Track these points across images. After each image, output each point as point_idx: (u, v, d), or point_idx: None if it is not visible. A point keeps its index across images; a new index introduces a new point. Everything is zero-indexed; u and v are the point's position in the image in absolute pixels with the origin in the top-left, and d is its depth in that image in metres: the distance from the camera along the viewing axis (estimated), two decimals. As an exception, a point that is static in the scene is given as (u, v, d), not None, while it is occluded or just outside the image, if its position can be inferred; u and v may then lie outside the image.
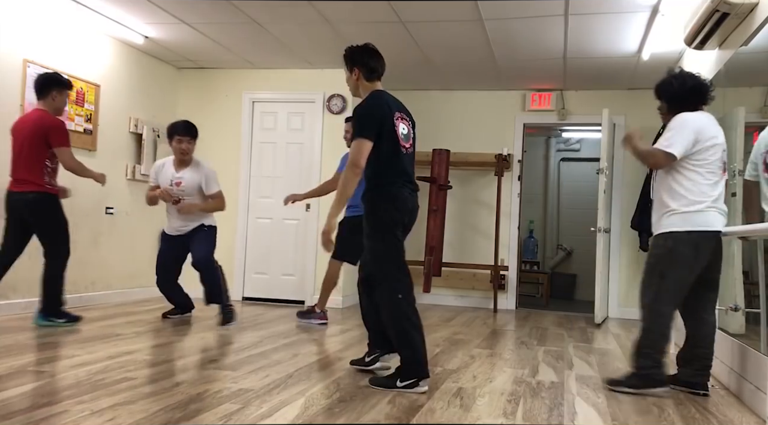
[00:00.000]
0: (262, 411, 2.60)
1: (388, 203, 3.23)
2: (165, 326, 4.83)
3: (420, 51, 5.91)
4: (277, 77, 6.84)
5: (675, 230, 3.13)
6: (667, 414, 2.88)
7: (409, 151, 3.41)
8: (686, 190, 3.14)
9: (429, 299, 7.23)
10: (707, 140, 3.13)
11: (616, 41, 5.33)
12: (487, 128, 7.30)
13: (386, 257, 3.18)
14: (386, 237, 3.19)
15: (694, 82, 3.25)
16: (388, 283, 3.14)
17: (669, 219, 3.16)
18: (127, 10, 5.22)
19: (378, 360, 3.42)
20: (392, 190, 3.25)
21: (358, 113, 3.31)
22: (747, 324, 3.49)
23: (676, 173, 3.17)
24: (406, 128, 3.42)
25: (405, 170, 3.35)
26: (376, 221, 3.21)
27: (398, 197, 3.26)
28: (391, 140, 3.29)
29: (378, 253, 3.19)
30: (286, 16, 5.16)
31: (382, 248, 3.19)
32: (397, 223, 3.22)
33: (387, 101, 3.38)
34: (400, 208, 3.25)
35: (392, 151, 3.28)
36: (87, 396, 2.68)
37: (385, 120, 3.28)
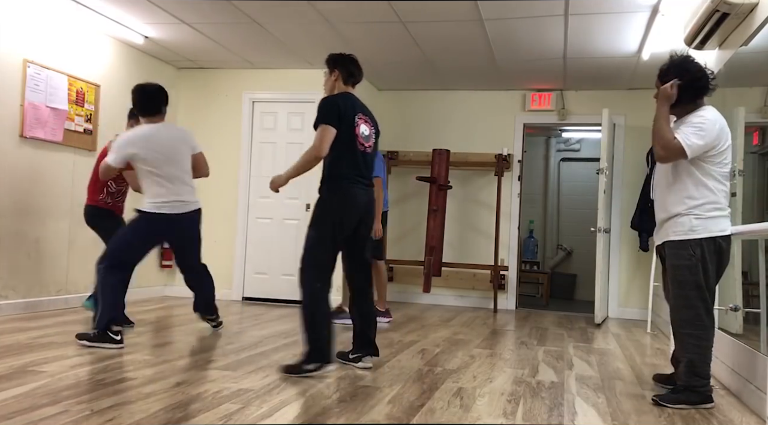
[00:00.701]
0: (262, 411, 2.60)
1: (338, 199, 3.39)
2: (165, 326, 4.83)
3: (420, 51, 5.91)
4: (277, 77, 6.84)
5: (702, 236, 2.98)
6: (667, 414, 2.88)
7: (368, 151, 3.52)
8: (710, 192, 3.00)
9: (429, 299, 7.23)
10: (727, 142, 3.03)
11: (616, 41, 5.33)
12: (487, 128, 7.30)
13: (317, 247, 3.33)
14: (323, 229, 3.35)
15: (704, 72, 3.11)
16: (311, 271, 3.31)
17: (691, 225, 3.00)
18: (127, 10, 5.22)
19: (360, 360, 3.55)
20: (344, 185, 3.39)
21: (322, 101, 3.44)
22: (746, 324, 3.49)
23: (702, 172, 3.00)
24: (367, 129, 3.53)
25: (360, 167, 3.46)
26: (322, 212, 3.37)
27: (349, 193, 3.39)
28: (350, 136, 3.41)
29: (312, 241, 3.34)
30: (286, 16, 5.16)
31: (316, 238, 3.34)
32: (342, 220, 3.37)
33: (353, 101, 3.51)
34: (349, 205, 3.39)
35: (349, 146, 3.41)
36: (87, 396, 2.68)
37: (346, 115, 3.41)
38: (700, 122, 2.98)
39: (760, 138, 3.88)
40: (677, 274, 3.04)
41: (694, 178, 3.02)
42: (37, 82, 5.06)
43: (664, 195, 3.14)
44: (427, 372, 3.53)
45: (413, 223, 7.41)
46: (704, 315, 3.00)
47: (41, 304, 5.11)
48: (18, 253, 4.96)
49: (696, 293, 2.99)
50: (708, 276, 2.99)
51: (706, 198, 3.00)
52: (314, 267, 3.32)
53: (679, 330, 3.08)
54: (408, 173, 7.41)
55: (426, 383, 3.25)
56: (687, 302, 3.01)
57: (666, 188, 3.13)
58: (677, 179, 3.07)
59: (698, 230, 2.99)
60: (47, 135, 5.14)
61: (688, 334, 3.02)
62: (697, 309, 2.99)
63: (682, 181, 3.05)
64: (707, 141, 2.96)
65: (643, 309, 6.51)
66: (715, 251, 2.99)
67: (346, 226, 3.39)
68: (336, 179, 3.40)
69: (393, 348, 4.26)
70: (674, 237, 3.06)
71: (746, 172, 3.71)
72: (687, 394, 3.01)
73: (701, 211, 3.00)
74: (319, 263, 3.33)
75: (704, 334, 3.00)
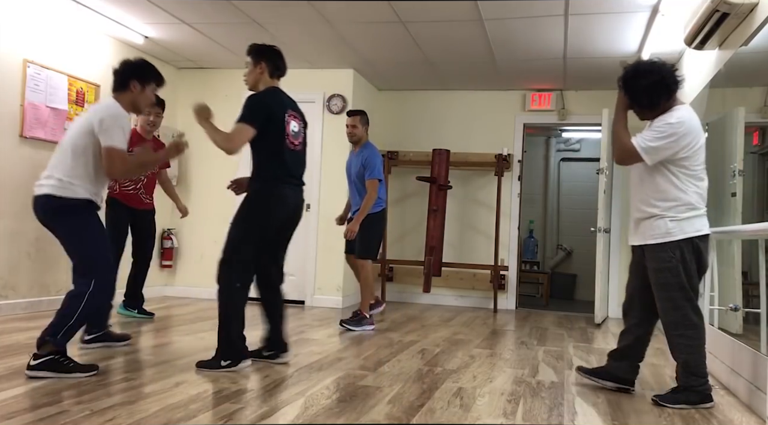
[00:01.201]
0: (262, 411, 2.60)
1: (268, 200, 3.37)
2: (165, 326, 4.83)
3: (420, 51, 5.91)
4: (277, 77, 6.83)
5: (680, 238, 3.01)
6: (667, 414, 2.88)
7: (298, 149, 3.52)
8: (682, 195, 3.03)
9: (429, 299, 7.23)
10: (699, 142, 3.05)
11: (616, 41, 5.33)
12: (487, 128, 7.30)
13: (242, 246, 3.32)
14: (251, 229, 3.35)
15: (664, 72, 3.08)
16: (232, 270, 3.29)
17: (667, 228, 3.03)
18: (127, 10, 5.22)
19: (278, 356, 3.59)
20: (274, 186, 3.38)
21: (251, 99, 3.35)
22: (746, 324, 3.49)
23: (674, 175, 3.04)
24: (297, 126, 3.51)
25: (290, 166, 3.45)
26: (250, 212, 3.35)
27: (279, 195, 3.38)
28: (280, 135, 3.37)
29: (235, 239, 3.33)
30: (286, 16, 5.16)
31: (242, 237, 3.33)
32: (269, 222, 3.38)
33: (281, 98, 3.46)
34: (278, 206, 3.39)
35: (279, 146, 3.38)
36: (87, 396, 2.68)
37: (276, 115, 3.36)
38: (663, 127, 3.01)
39: (760, 138, 3.88)
40: (660, 277, 3.06)
41: (667, 179, 3.04)
42: (37, 82, 5.06)
43: (638, 196, 3.17)
44: (427, 372, 3.53)
45: (413, 223, 7.41)
46: (692, 314, 3.02)
47: (41, 304, 5.11)
48: (18, 253, 4.96)
49: (681, 294, 3.01)
50: (690, 276, 3.02)
51: (680, 200, 3.03)
52: (237, 266, 3.30)
53: (669, 332, 3.09)
54: (408, 173, 7.41)
55: (426, 383, 3.25)
56: (673, 303, 3.03)
57: (640, 188, 3.16)
58: (651, 180, 3.09)
59: (675, 233, 3.02)
60: (47, 135, 5.14)
61: (679, 335, 3.04)
62: (684, 309, 3.01)
63: (655, 182, 3.07)
64: (665, 144, 2.98)
65: (643, 309, 6.51)
66: (693, 251, 3.02)
67: (273, 227, 3.41)
68: (266, 180, 3.38)
69: (393, 348, 4.26)
70: (652, 241, 3.08)
71: (746, 172, 3.71)
72: (686, 394, 3.01)
73: (675, 212, 3.02)
74: (242, 263, 3.32)
75: (695, 333, 3.02)
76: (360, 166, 5.07)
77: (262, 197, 3.37)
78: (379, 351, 4.09)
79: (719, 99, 4.30)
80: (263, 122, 3.28)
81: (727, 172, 3.96)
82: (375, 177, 5.02)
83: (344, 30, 5.44)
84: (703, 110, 4.74)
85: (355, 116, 5.18)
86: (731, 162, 3.91)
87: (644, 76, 3.07)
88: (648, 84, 3.05)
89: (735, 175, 3.77)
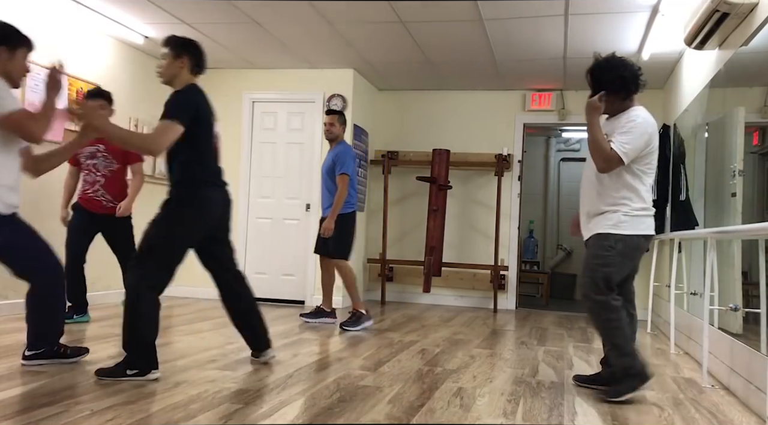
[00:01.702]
0: (262, 411, 2.60)
1: (194, 206, 3.15)
2: (165, 326, 4.83)
3: (420, 51, 5.91)
4: (277, 77, 6.84)
5: (626, 233, 3.06)
6: (668, 414, 2.88)
7: (218, 150, 3.44)
8: (637, 192, 3.07)
9: (429, 299, 7.23)
10: (655, 143, 3.10)
11: (616, 41, 5.33)
12: (487, 128, 7.30)
13: (159, 253, 3.08)
14: (173, 234, 3.10)
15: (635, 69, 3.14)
16: (145, 271, 3.04)
17: (618, 220, 3.06)
18: (127, 10, 5.22)
19: (261, 354, 3.56)
20: (200, 189, 3.18)
21: (178, 96, 3.17)
22: (746, 324, 3.49)
23: (631, 173, 3.07)
24: (215, 125, 3.41)
25: (215, 168, 3.31)
26: (174, 217, 3.12)
27: (207, 200, 3.19)
28: (207, 135, 3.23)
29: (154, 244, 3.07)
30: (286, 16, 5.16)
31: (160, 243, 3.08)
32: (197, 228, 3.18)
33: (205, 97, 3.32)
34: (206, 212, 3.19)
35: (206, 147, 3.23)
36: (87, 396, 2.68)
37: (204, 113, 3.21)
38: (632, 126, 3.03)
39: (760, 138, 3.87)
40: (593, 262, 3.10)
41: (622, 180, 3.07)
42: (37, 82, 5.05)
43: (591, 196, 3.19)
44: (427, 372, 3.53)
45: (413, 223, 7.41)
46: (611, 301, 3.06)
47: (41, 304, 5.09)
48: (18, 253, 4.95)
49: (605, 283, 3.06)
50: (620, 273, 3.09)
51: (632, 200, 3.07)
52: (154, 271, 3.06)
53: (594, 321, 3.16)
54: (408, 173, 7.41)
55: (426, 383, 3.25)
56: (597, 289, 3.07)
57: (592, 189, 3.18)
58: (604, 180, 3.11)
59: (624, 226, 3.06)
60: (47, 135, 5.13)
61: (605, 319, 3.09)
62: (606, 296, 3.06)
63: (615, 180, 3.08)
64: (639, 144, 3.01)
65: (643, 309, 6.50)
66: (635, 248, 3.09)
67: (200, 232, 3.21)
68: (192, 184, 3.16)
69: (393, 348, 4.26)
70: (600, 230, 3.11)
71: (746, 172, 3.70)
72: (626, 381, 3.03)
73: (628, 209, 3.07)
74: (160, 267, 3.08)
75: (615, 315, 3.06)
76: (331, 162, 5.11)
77: (191, 202, 3.15)
78: (379, 351, 4.09)
79: (719, 99, 4.30)
80: (191, 121, 3.08)
81: (727, 172, 3.96)
82: (344, 172, 5.02)
83: (344, 30, 5.44)
84: (703, 110, 4.74)
85: (334, 115, 5.26)
86: (731, 162, 3.90)
87: (618, 68, 3.11)
88: (621, 76, 3.08)
89: (735, 175, 3.76)
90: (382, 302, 7.08)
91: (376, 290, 7.25)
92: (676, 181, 5.63)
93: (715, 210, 4.34)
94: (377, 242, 7.28)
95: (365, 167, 7.20)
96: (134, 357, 3.05)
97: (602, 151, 3.03)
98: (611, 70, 3.13)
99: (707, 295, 3.66)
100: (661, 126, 6.26)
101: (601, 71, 3.15)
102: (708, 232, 3.71)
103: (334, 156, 5.11)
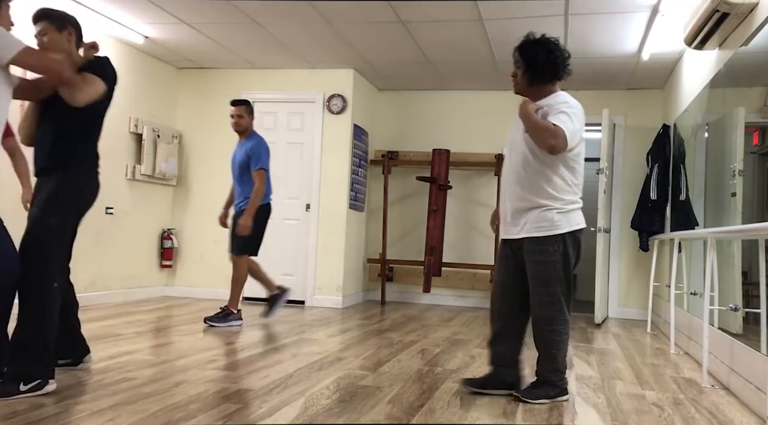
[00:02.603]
0: (262, 411, 2.60)
1: (85, 185, 2.91)
2: (165, 326, 4.83)
3: (420, 51, 5.91)
4: (277, 77, 6.85)
5: (565, 231, 2.92)
6: (667, 414, 2.88)
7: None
8: (566, 184, 2.92)
9: (429, 299, 7.23)
10: (584, 132, 2.95)
11: (616, 41, 5.33)
12: (487, 128, 7.29)
13: (58, 237, 2.79)
14: (66, 218, 2.82)
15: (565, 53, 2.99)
16: (48, 265, 2.71)
17: (553, 219, 2.91)
18: (127, 10, 5.22)
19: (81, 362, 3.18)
20: (91, 172, 2.94)
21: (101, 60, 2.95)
22: (746, 324, 3.49)
23: (561, 165, 2.90)
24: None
25: (97, 154, 2.99)
26: (64, 198, 2.80)
27: (94, 181, 2.96)
28: (102, 116, 2.96)
29: (51, 229, 2.74)
30: (286, 16, 5.16)
31: (57, 226, 2.77)
32: (82, 208, 2.91)
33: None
34: (92, 194, 2.95)
35: (100, 126, 2.97)
36: (87, 396, 2.68)
37: (112, 90, 2.94)
38: (567, 107, 2.89)
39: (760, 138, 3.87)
40: (541, 271, 2.94)
41: (552, 169, 2.91)
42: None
43: (518, 187, 2.98)
44: (427, 372, 3.53)
45: (413, 223, 7.41)
46: (566, 310, 2.98)
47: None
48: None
49: (560, 288, 2.95)
50: (569, 271, 2.97)
51: (563, 193, 2.93)
52: (55, 263, 2.74)
53: (542, 327, 3.00)
54: (408, 173, 7.41)
55: (426, 383, 3.25)
56: (552, 298, 2.94)
57: (518, 180, 2.98)
58: (533, 171, 2.93)
59: (561, 225, 2.92)
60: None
61: (551, 330, 2.97)
62: (560, 305, 2.95)
63: (545, 171, 2.92)
64: (578, 127, 2.87)
65: (643, 309, 6.51)
66: (574, 244, 2.96)
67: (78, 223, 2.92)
68: (85, 160, 2.89)
69: (393, 348, 4.26)
70: (537, 233, 2.94)
71: (746, 172, 3.70)
72: (545, 388, 2.99)
73: (561, 204, 2.92)
74: (60, 259, 2.80)
75: (565, 329, 2.99)
76: (245, 156, 4.91)
77: (81, 182, 2.89)
78: (379, 351, 4.09)
79: (719, 99, 4.30)
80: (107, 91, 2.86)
81: (727, 172, 3.96)
82: (261, 167, 4.85)
83: (344, 30, 5.44)
84: (703, 110, 4.75)
85: (240, 105, 5.01)
86: (731, 162, 3.91)
87: (550, 49, 2.94)
88: (553, 57, 2.94)
89: (735, 175, 3.76)
90: (382, 302, 7.08)
91: (376, 290, 7.26)
92: (676, 181, 5.63)
93: (715, 210, 4.34)
94: (377, 242, 7.28)
95: (365, 167, 7.20)
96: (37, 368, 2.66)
97: (547, 129, 2.80)
98: (542, 48, 2.94)
99: (707, 295, 3.66)
100: (661, 126, 6.27)
101: (532, 49, 2.96)
102: (708, 232, 3.71)
103: (249, 150, 4.90)
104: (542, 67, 2.96)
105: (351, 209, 6.74)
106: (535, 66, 2.97)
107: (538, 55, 2.95)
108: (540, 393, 2.97)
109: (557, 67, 2.97)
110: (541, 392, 2.97)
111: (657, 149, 6.16)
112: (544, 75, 2.99)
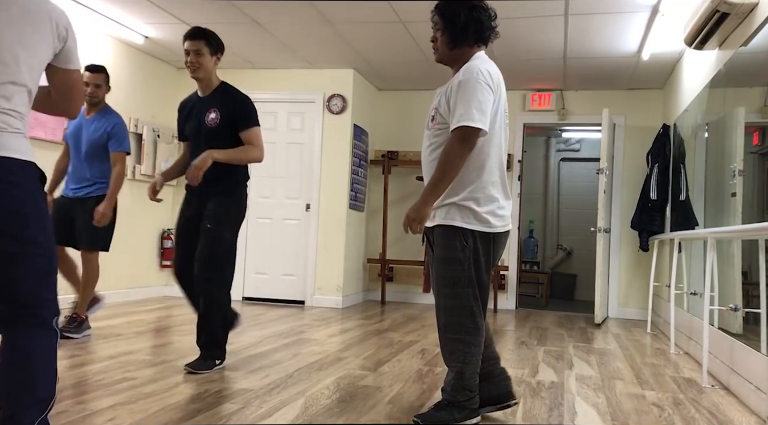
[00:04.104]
0: (262, 411, 2.60)
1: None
2: (165, 326, 4.83)
3: (420, 51, 5.91)
4: (277, 77, 6.84)
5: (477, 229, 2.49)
6: (668, 414, 2.88)
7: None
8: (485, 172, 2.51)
9: (429, 299, 7.22)
10: (501, 95, 2.50)
11: (616, 41, 5.33)
12: (487, 128, 7.28)
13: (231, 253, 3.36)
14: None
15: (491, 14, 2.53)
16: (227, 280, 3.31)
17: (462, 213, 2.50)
18: (127, 10, 5.22)
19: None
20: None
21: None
22: (746, 324, 3.49)
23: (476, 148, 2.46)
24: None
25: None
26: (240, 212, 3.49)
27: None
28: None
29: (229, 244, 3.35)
30: (285, 16, 5.16)
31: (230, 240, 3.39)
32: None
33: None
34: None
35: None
36: (87, 396, 2.68)
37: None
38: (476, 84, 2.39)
39: (760, 138, 3.88)
40: (447, 268, 2.50)
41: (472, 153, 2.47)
42: (37, 82, 5.05)
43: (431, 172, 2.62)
44: (427, 372, 3.54)
45: (413, 223, 7.39)
46: (477, 317, 2.49)
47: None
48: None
49: (470, 291, 2.48)
50: (480, 271, 2.51)
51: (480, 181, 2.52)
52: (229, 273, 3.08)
53: (447, 335, 2.51)
54: (408, 173, 7.41)
55: (426, 383, 3.26)
56: (460, 302, 2.48)
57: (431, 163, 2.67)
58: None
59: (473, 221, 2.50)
60: (47, 135, 5.14)
61: (457, 340, 2.47)
62: (471, 309, 2.48)
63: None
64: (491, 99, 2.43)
65: (643, 309, 6.51)
66: (489, 241, 2.53)
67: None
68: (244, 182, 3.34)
69: (393, 347, 4.26)
70: (444, 222, 2.52)
71: (746, 172, 3.71)
72: (450, 410, 2.48)
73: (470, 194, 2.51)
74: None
75: (475, 340, 2.48)
76: (103, 133, 4.11)
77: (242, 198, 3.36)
78: (379, 351, 4.09)
79: (719, 99, 4.30)
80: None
81: (727, 172, 3.96)
82: (125, 150, 4.19)
83: (344, 30, 5.44)
84: (703, 110, 4.75)
85: (100, 73, 4.17)
86: (731, 162, 3.91)
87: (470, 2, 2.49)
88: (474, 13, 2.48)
89: (735, 175, 3.77)
90: (382, 302, 7.08)
91: (376, 290, 7.25)
92: (676, 181, 5.63)
93: (715, 210, 4.34)
94: (377, 242, 7.28)
95: (365, 167, 7.20)
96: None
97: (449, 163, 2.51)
98: (463, 5, 2.48)
99: (707, 295, 3.66)
100: (661, 126, 6.27)
101: (452, 7, 2.50)
102: (708, 232, 3.71)
103: (110, 128, 4.12)
104: (464, 26, 2.48)
105: (351, 209, 6.73)
106: (456, 25, 2.49)
107: (459, 12, 2.47)
108: (443, 417, 2.46)
109: (482, 26, 2.50)
110: (444, 415, 2.47)
111: (657, 149, 6.16)
112: (466, 37, 2.50)
